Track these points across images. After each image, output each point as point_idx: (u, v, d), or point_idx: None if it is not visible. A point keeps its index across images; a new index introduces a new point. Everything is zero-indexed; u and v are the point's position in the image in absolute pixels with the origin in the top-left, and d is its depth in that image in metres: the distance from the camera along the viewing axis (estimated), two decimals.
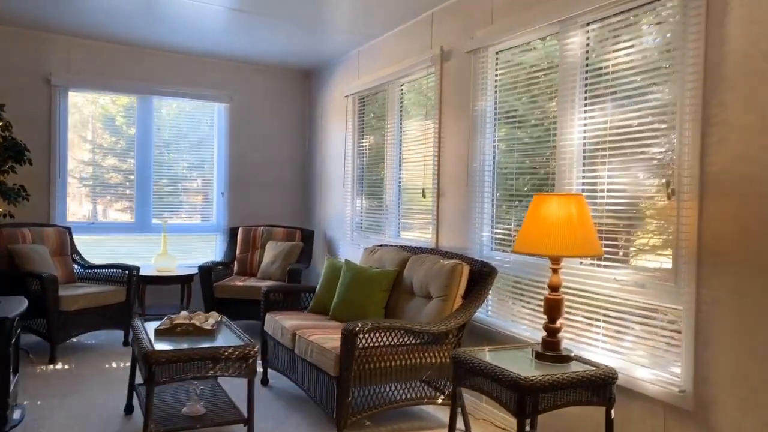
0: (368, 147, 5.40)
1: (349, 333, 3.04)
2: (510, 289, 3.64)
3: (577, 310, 3.09)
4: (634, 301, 2.77)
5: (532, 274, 3.41)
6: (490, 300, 3.80)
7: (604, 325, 2.94)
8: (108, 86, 5.80)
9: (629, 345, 2.81)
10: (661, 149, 2.66)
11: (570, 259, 3.19)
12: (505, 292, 3.68)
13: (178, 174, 6.28)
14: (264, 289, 4.27)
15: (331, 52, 5.80)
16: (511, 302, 3.64)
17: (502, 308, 3.68)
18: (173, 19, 4.96)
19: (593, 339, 2.99)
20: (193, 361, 2.88)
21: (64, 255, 5.24)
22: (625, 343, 2.83)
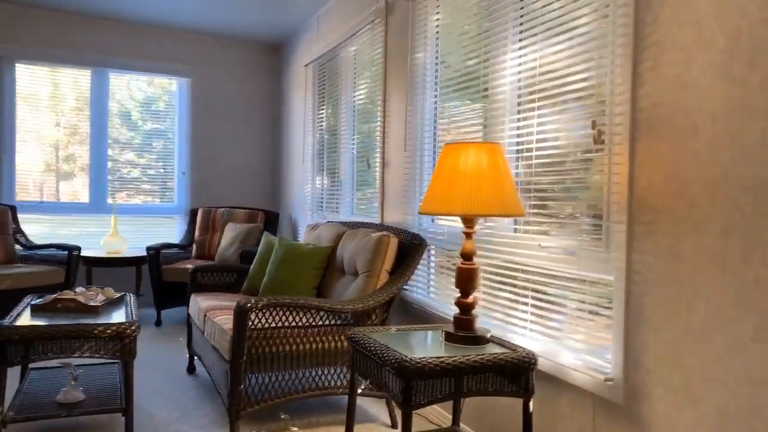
0: (326, 119, 4.98)
1: (240, 310, 2.63)
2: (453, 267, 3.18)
3: (505, 285, 2.63)
4: (564, 272, 2.30)
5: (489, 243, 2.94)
6: (432, 280, 3.35)
7: (532, 302, 2.47)
8: (59, 58, 5.49)
9: (559, 326, 2.34)
10: (590, 86, 2.19)
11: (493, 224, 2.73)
12: (449, 270, 3.22)
13: (135, 152, 5.95)
14: (191, 268, 3.89)
15: (295, 21, 5.40)
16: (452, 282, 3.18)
17: (446, 289, 3.22)
18: None
19: (521, 320, 2.53)
20: (54, 340, 2.50)
21: (4, 234, 4.94)
22: (554, 323, 2.36)
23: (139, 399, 3.26)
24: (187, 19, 5.51)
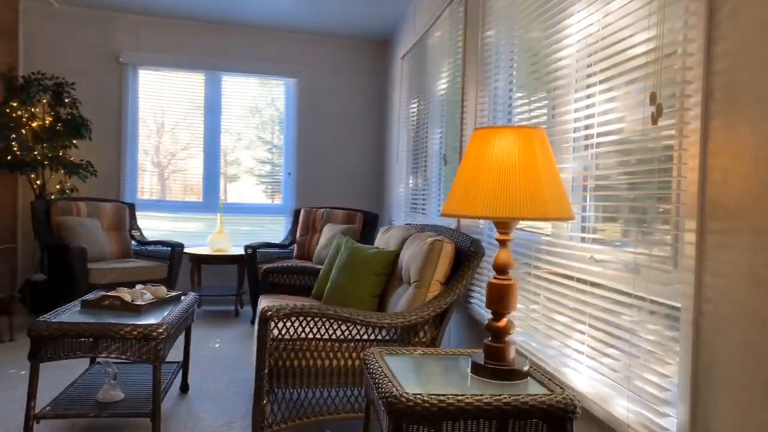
0: (416, 114, 4.65)
1: (260, 318, 2.41)
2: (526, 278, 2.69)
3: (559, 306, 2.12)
4: (622, 294, 1.77)
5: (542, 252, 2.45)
6: None
7: (589, 330, 1.94)
8: (176, 64, 5.77)
9: (616, 363, 1.80)
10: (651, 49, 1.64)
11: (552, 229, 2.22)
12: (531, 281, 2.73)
13: (245, 153, 6.08)
14: (263, 269, 3.78)
15: (398, 13, 5.14)
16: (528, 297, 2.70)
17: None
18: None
19: (576, 351, 2.01)
20: (84, 338, 2.47)
21: (120, 230, 5.27)
22: (609, 359, 1.83)
23: (195, 401, 3.20)
24: (295, 20, 5.50)
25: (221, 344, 4.40)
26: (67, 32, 5.53)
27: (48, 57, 5.49)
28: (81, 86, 5.47)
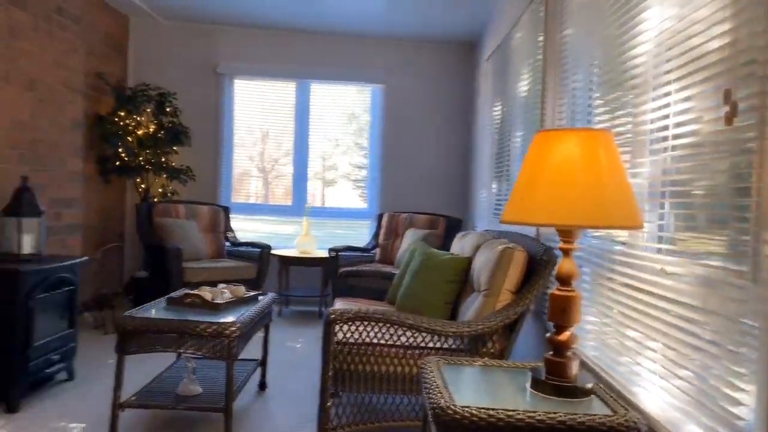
0: (500, 117, 4.54)
1: (325, 321, 2.44)
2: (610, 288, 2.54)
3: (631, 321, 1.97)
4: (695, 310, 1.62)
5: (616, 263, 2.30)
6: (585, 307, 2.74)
7: (662, 348, 1.79)
8: (269, 73, 6.00)
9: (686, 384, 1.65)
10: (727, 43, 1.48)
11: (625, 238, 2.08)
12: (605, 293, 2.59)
13: (332, 158, 6.21)
14: (341, 271, 3.83)
15: (485, 14, 5.05)
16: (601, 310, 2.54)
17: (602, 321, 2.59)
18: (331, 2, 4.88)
19: (648, 369, 1.86)
20: (163, 333, 2.61)
21: (215, 232, 5.55)
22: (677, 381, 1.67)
23: (271, 399, 3.29)
24: (381, 26, 5.56)
25: (303, 345, 4.50)
26: (170, 46, 5.91)
27: (153, 69, 5.90)
28: (182, 96, 5.82)
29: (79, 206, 4.20)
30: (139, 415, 2.94)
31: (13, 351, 2.91)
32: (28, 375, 2.99)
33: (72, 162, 4.06)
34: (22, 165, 3.49)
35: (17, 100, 3.42)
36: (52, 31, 3.75)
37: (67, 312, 3.38)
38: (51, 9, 3.73)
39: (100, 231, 5.36)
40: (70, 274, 3.35)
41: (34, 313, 3.00)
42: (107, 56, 5.40)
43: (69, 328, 3.38)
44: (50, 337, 3.18)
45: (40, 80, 3.64)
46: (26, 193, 3.13)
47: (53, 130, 3.82)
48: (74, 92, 4.05)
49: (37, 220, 3.16)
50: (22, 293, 2.92)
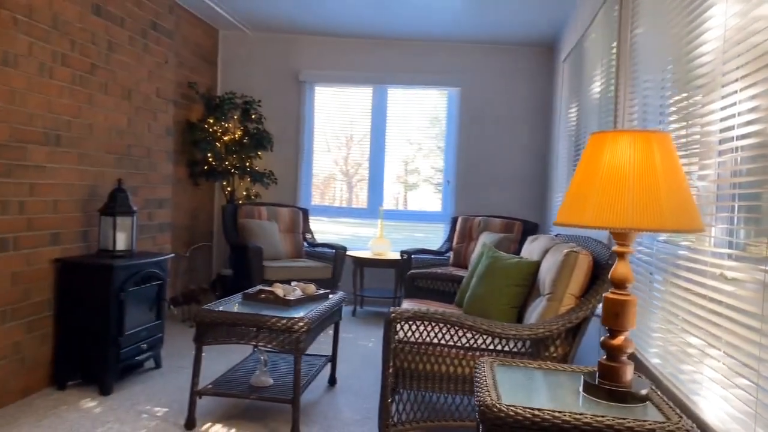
0: (575, 119, 4.44)
1: (386, 320, 2.50)
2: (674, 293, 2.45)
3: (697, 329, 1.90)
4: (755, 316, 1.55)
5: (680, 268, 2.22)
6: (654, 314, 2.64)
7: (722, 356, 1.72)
8: (348, 80, 6.18)
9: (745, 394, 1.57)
10: None
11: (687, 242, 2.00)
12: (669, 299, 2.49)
13: (407, 162, 6.29)
14: (409, 273, 3.90)
15: (564, 15, 4.97)
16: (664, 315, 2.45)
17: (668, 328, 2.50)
18: (406, 8, 5.01)
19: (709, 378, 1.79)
20: (237, 326, 2.78)
21: (294, 233, 5.78)
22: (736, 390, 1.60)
23: (340, 394, 3.41)
24: (457, 30, 5.59)
25: (375, 343, 4.60)
26: (255, 55, 6.22)
27: (240, 78, 6.22)
28: (265, 103, 6.11)
29: (169, 207, 4.52)
30: (215, 402, 3.14)
31: (107, 339, 3.19)
32: (120, 361, 3.26)
33: (163, 166, 4.38)
34: (119, 168, 3.81)
35: (115, 109, 3.74)
36: (147, 45, 4.07)
37: (156, 304, 3.65)
38: (146, 25, 4.05)
39: (189, 231, 5.72)
40: (159, 269, 3.62)
41: (126, 304, 3.27)
42: (198, 67, 5.76)
43: (157, 319, 3.65)
44: (140, 327, 3.45)
45: (135, 91, 3.96)
46: (120, 194, 3.42)
47: (147, 137, 4.14)
48: (166, 101, 4.37)
49: (129, 219, 3.44)
50: (115, 286, 3.20)
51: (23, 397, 3.06)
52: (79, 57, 3.39)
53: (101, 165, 3.63)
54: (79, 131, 3.41)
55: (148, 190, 4.19)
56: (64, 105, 3.27)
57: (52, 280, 3.23)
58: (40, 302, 3.15)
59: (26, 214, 3.02)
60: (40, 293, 3.15)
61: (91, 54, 3.49)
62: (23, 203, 3.00)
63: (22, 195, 2.99)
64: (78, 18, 3.36)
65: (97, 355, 3.20)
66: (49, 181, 3.18)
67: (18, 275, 2.98)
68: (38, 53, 3.06)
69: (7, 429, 2.70)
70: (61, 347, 3.26)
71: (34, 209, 3.07)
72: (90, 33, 3.47)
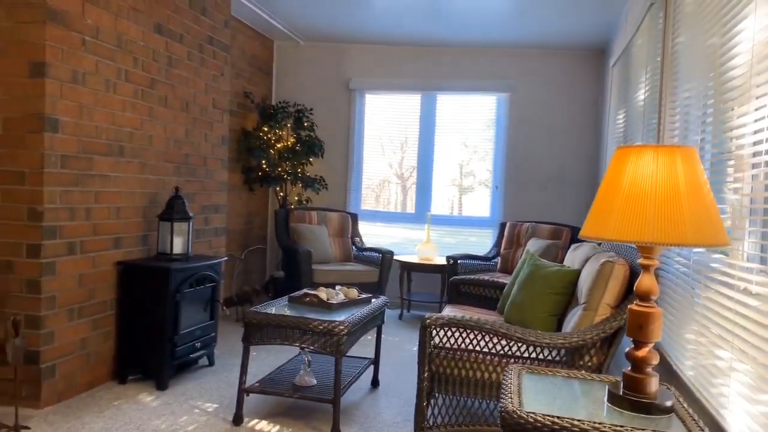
0: (622, 126, 4.39)
1: (421, 325, 2.58)
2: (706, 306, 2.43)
3: (727, 343, 1.89)
4: None
5: (711, 281, 2.21)
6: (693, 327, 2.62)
7: (750, 371, 1.71)
8: (397, 87, 6.29)
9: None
10: None
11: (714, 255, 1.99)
12: (702, 311, 2.47)
13: (455, 168, 6.34)
14: (451, 280, 3.96)
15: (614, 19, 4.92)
16: (696, 328, 2.43)
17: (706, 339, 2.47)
18: (454, 16, 5.09)
19: (736, 393, 1.78)
20: (281, 328, 2.92)
21: (343, 237, 5.93)
22: (761, 407, 1.60)
23: (381, 396, 3.50)
24: (506, 36, 5.61)
25: None
26: (308, 64, 6.42)
27: (293, 86, 6.44)
28: (317, 111, 6.29)
29: (224, 212, 4.74)
30: (262, 399, 3.29)
31: (163, 338, 3.40)
32: (175, 359, 3.47)
33: (219, 173, 4.60)
34: (177, 176, 4.04)
35: (174, 121, 3.98)
36: (204, 59, 4.30)
37: (209, 305, 3.85)
38: (203, 40, 4.28)
39: (245, 234, 5.96)
40: (213, 272, 3.82)
41: (181, 305, 3.48)
42: (254, 77, 6.00)
43: (210, 319, 3.85)
44: (194, 326, 3.65)
45: (193, 103, 4.19)
46: (178, 201, 3.63)
47: (204, 146, 4.37)
48: (221, 112, 4.59)
49: (186, 224, 3.66)
50: (171, 288, 3.41)
51: (88, 389, 3.31)
52: (141, 73, 3.63)
53: (161, 173, 3.86)
54: (140, 142, 3.65)
55: (204, 197, 4.42)
56: (126, 118, 3.52)
57: (114, 281, 3.47)
58: (104, 302, 3.40)
59: (92, 219, 3.27)
60: (104, 293, 3.40)
61: (152, 69, 3.73)
62: (89, 210, 3.25)
63: (89, 202, 3.24)
64: (140, 37, 3.60)
65: (154, 352, 3.42)
66: (112, 189, 3.43)
67: (84, 276, 3.23)
68: (104, 71, 3.31)
69: (72, 419, 2.94)
70: (123, 344, 3.49)
71: (99, 215, 3.32)
72: (151, 50, 3.71)
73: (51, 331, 3.03)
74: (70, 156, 3.10)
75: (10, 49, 2.93)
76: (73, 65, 3.08)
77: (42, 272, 2.95)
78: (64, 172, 3.06)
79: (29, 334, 2.94)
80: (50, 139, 2.96)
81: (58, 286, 3.06)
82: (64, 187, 3.07)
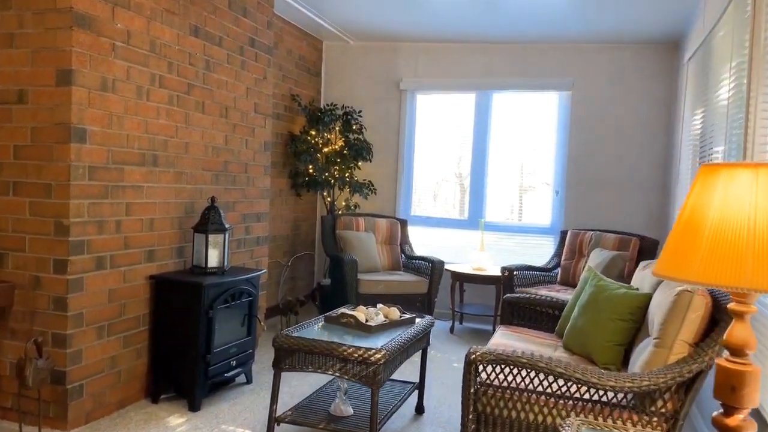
0: (700, 128, 3.92)
1: (466, 359, 2.29)
2: None
3: None
4: None
5: None
6: None
7: None
8: (450, 86, 5.98)
9: None
10: None
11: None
12: None
13: (512, 171, 5.96)
14: (504, 298, 3.63)
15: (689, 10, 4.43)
16: None
17: None
18: (511, 10, 4.76)
19: None
20: (313, 354, 2.69)
21: (392, 244, 5.66)
22: None
23: (426, 425, 3.23)
24: (567, 30, 5.19)
25: None
26: (357, 65, 6.19)
27: (342, 88, 6.22)
28: (366, 113, 6.05)
29: (266, 220, 4.57)
30: (294, 429, 3.07)
31: (196, 356, 3.23)
32: (208, 378, 3.30)
33: (261, 180, 4.43)
34: (216, 185, 3.89)
35: (212, 127, 3.82)
36: (245, 62, 4.13)
37: (247, 320, 3.67)
38: (244, 42, 4.11)
39: (291, 240, 5.79)
40: (250, 286, 3.64)
41: (215, 321, 3.30)
42: (301, 79, 5.82)
43: (247, 335, 3.67)
44: (230, 343, 3.48)
45: (233, 108, 4.03)
46: (213, 211, 3.46)
47: (244, 152, 4.20)
48: (264, 117, 4.42)
49: (221, 236, 3.48)
50: (204, 304, 3.24)
51: (118, 409, 3.18)
52: (177, 78, 3.48)
53: (198, 182, 3.71)
54: (175, 150, 3.50)
55: (245, 205, 4.25)
56: (160, 125, 3.37)
57: (147, 296, 3.34)
58: (136, 317, 3.26)
59: (123, 232, 3.14)
60: (136, 308, 3.26)
61: (188, 74, 3.58)
62: (120, 222, 3.11)
63: (119, 215, 3.11)
64: (176, 40, 3.45)
65: (186, 371, 3.26)
66: (145, 200, 3.29)
67: (114, 292, 3.10)
68: (136, 77, 3.17)
69: None
70: (156, 361, 3.36)
71: (130, 228, 3.19)
72: (187, 54, 3.56)
73: (78, 350, 2.91)
74: (99, 167, 2.97)
75: (38, 56, 2.82)
76: (102, 72, 2.95)
77: (69, 289, 2.83)
78: (92, 184, 2.93)
79: (56, 353, 2.83)
80: (77, 150, 2.84)
81: (87, 303, 2.94)
82: (93, 199, 2.94)
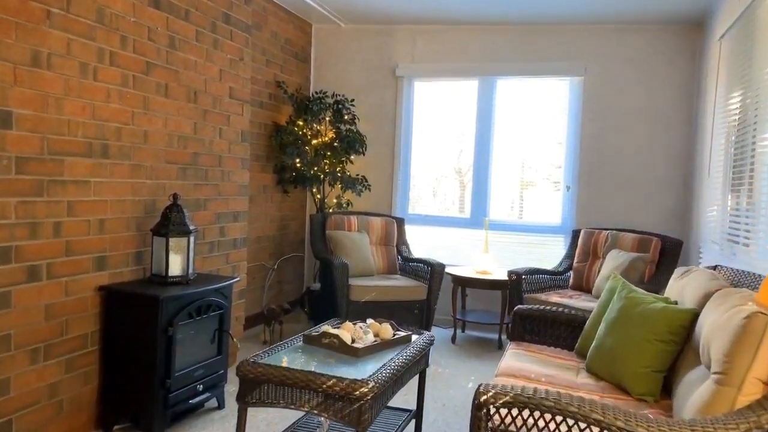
0: (739, 112, 3.43)
1: (474, 399, 1.79)
2: None
3: None
4: None
5: None
6: None
7: None
8: (450, 72, 5.48)
9: None
10: None
11: None
12: None
13: (518, 165, 5.46)
14: (515, 310, 3.14)
15: None
16: None
17: None
18: None
19: None
20: (285, 386, 2.19)
21: (388, 245, 5.16)
22: None
23: None
24: (577, 10, 4.68)
25: (475, 384, 3.87)
26: (349, 49, 5.68)
27: (333, 75, 5.72)
28: (359, 102, 5.53)
29: (245, 219, 4.07)
30: None
31: (154, 381, 2.74)
32: (168, 406, 2.80)
33: (238, 174, 3.94)
34: (184, 180, 3.39)
35: (177, 113, 3.32)
36: (218, 40, 3.63)
37: (217, 337, 3.18)
38: (217, 17, 3.61)
39: (278, 241, 5.29)
40: (220, 297, 3.14)
41: (176, 341, 2.81)
42: (288, 64, 5.31)
43: (218, 354, 3.18)
44: (196, 365, 2.99)
45: (203, 92, 3.53)
46: (175, 211, 2.97)
47: (218, 143, 3.70)
48: (242, 103, 3.92)
49: (185, 239, 2.99)
50: (162, 321, 2.74)
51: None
52: (132, 55, 2.97)
53: (160, 177, 3.21)
54: (131, 139, 3.00)
55: (219, 203, 3.76)
56: (112, 110, 2.87)
57: (97, 310, 2.84)
58: (81, 336, 2.77)
59: (63, 236, 2.63)
60: (82, 326, 2.76)
61: (147, 51, 3.07)
62: (59, 224, 2.61)
63: (58, 215, 2.61)
64: (130, 11, 2.94)
65: (143, 398, 2.77)
66: (93, 198, 2.79)
67: (53, 307, 2.60)
68: (78, 52, 2.66)
69: None
70: (108, 387, 2.86)
71: (73, 231, 2.69)
72: (146, 27, 3.05)
73: (5, 379, 2.41)
74: (30, 158, 2.47)
75: None
76: (33, 44, 2.45)
77: None
78: (21, 178, 2.43)
79: None
80: (0, 137, 2.34)
81: (15, 322, 2.44)
82: (22, 197, 2.44)
